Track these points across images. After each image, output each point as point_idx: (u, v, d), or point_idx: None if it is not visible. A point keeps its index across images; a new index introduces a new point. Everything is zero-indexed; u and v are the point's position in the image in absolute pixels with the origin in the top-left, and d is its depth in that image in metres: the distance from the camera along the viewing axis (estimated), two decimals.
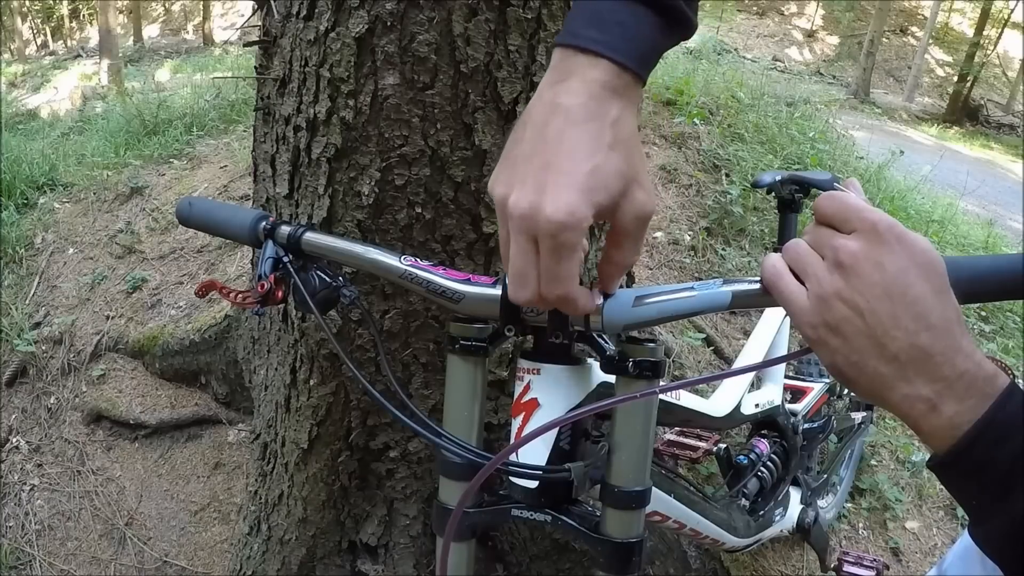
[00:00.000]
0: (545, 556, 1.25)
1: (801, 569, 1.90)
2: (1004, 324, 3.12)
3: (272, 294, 0.74)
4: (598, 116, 0.50)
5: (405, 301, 1.05)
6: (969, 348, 0.46)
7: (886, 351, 0.46)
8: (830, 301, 0.47)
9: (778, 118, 4.30)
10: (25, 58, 16.17)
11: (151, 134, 4.11)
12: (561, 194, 0.48)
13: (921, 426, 0.47)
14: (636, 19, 0.52)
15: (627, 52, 0.51)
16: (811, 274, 0.48)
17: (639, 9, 0.52)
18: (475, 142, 0.94)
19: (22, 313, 2.70)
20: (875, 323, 0.45)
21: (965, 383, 0.45)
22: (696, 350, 2.35)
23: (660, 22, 0.53)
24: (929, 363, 0.45)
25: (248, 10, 1.19)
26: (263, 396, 1.36)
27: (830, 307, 0.47)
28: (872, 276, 0.46)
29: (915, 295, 0.45)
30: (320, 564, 1.27)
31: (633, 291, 0.59)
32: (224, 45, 13.68)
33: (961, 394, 0.45)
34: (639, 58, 0.52)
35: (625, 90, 0.51)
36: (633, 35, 0.52)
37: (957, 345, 0.45)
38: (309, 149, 1.00)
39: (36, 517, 2.12)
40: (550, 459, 0.63)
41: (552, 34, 0.91)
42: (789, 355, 1.55)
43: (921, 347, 0.45)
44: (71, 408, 2.39)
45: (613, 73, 0.51)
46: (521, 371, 0.65)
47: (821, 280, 0.47)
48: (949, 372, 0.45)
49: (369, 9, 0.88)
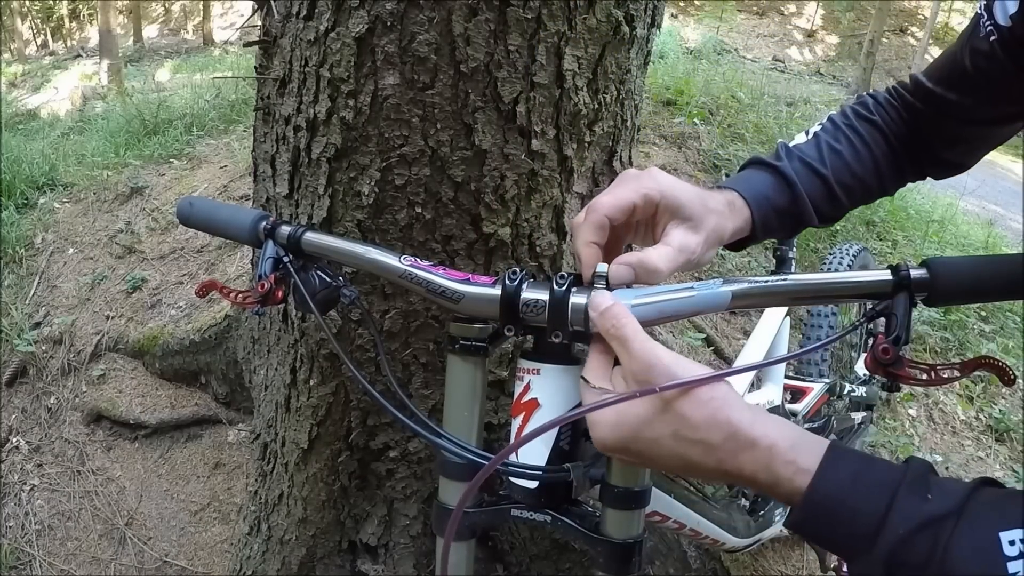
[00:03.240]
0: (545, 556, 1.25)
1: (801, 569, 1.90)
2: (1004, 324, 3.12)
3: (272, 294, 0.74)
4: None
5: (405, 301, 1.05)
6: (758, 458, 0.50)
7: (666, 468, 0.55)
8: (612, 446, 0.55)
9: (778, 118, 4.30)
10: (25, 58, 16.16)
11: (151, 134, 4.11)
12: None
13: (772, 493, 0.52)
14: None
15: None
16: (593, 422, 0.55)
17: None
18: (475, 142, 0.94)
19: (22, 313, 2.70)
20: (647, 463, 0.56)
21: (755, 483, 0.50)
22: (696, 350, 2.35)
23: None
24: (711, 469, 0.52)
25: (248, 10, 1.19)
26: (263, 396, 1.36)
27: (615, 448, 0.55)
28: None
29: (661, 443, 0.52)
30: (320, 564, 1.27)
31: (633, 291, 0.59)
32: (224, 45, 13.68)
33: (760, 488, 0.51)
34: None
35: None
36: None
37: (729, 459, 0.51)
38: (309, 149, 1.00)
39: (36, 517, 2.12)
40: (550, 459, 0.63)
41: (552, 34, 0.91)
42: (789, 355, 1.56)
43: (692, 468, 0.52)
44: (71, 408, 2.39)
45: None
46: (521, 371, 0.65)
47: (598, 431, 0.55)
48: (734, 469, 0.51)
49: (369, 9, 0.88)
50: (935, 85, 0.82)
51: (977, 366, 0.54)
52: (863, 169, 0.82)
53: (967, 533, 0.43)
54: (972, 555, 0.43)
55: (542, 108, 0.95)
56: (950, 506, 0.45)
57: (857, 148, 0.82)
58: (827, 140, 0.82)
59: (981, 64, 0.74)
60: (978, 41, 0.73)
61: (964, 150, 0.84)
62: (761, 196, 0.75)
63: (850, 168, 0.81)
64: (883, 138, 0.84)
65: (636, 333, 0.54)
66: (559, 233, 1.07)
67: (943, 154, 0.85)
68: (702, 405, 0.50)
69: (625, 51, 1.00)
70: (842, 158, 0.81)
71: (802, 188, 0.77)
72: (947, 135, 0.83)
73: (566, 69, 0.93)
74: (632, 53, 1.02)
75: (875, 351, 0.54)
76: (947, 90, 0.80)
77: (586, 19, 0.92)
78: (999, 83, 0.73)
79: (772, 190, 0.76)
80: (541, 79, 0.92)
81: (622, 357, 0.54)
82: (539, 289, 0.61)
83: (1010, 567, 0.41)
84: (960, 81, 0.78)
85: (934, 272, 0.55)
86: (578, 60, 0.94)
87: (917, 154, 0.85)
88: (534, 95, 0.93)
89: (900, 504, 0.45)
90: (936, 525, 0.44)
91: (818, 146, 0.81)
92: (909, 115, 0.85)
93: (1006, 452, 2.60)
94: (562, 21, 0.90)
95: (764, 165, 0.79)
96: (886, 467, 0.49)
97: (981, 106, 0.78)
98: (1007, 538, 0.42)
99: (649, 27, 1.04)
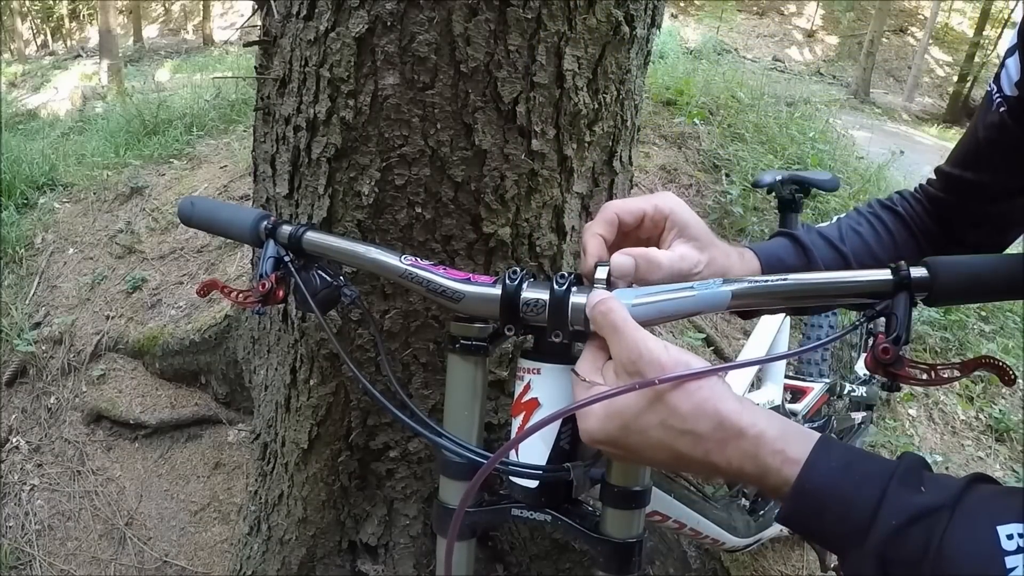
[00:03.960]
0: (545, 556, 1.25)
1: (801, 569, 1.90)
2: (1004, 324, 3.12)
3: (273, 293, 0.74)
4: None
5: (405, 301, 1.05)
6: (746, 448, 0.50)
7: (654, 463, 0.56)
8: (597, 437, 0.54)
9: (778, 118, 4.30)
10: (25, 58, 16.15)
11: (151, 134, 4.11)
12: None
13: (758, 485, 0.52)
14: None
15: None
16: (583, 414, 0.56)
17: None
18: (475, 142, 0.94)
19: (22, 313, 2.70)
20: (634, 456, 0.54)
21: (742, 475, 0.50)
22: (696, 350, 2.35)
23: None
24: (695, 463, 0.52)
25: (248, 10, 1.19)
26: (263, 396, 1.36)
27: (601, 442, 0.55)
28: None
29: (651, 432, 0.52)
30: (320, 564, 1.27)
31: (633, 291, 0.59)
32: (224, 45, 13.68)
33: (749, 481, 0.50)
34: None
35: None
36: None
37: (716, 450, 0.50)
38: (309, 149, 1.00)
39: (36, 517, 2.12)
40: (550, 459, 0.63)
41: (552, 34, 0.91)
42: (788, 353, 1.56)
43: (679, 460, 0.52)
44: (71, 408, 2.39)
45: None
46: (521, 371, 0.65)
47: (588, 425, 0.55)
48: (722, 460, 0.50)
49: (369, 9, 0.88)
50: (953, 167, 0.85)
51: (977, 366, 0.54)
52: (883, 252, 0.84)
53: (962, 526, 0.42)
54: (968, 549, 0.41)
55: (542, 108, 0.95)
56: (944, 499, 0.44)
57: (879, 232, 0.85)
58: (848, 223, 0.86)
59: (994, 136, 0.76)
60: (990, 115, 0.76)
61: (990, 230, 0.86)
62: (773, 256, 0.78)
63: (870, 249, 0.84)
64: (905, 227, 0.87)
65: (626, 322, 0.54)
66: (559, 233, 1.07)
67: (970, 238, 0.86)
68: (690, 395, 0.50)
69: (625, 51, 1.00)
70: (862, 239, 0.84)
71: (818, 257, 0.79)
72: (971, 218, 0.85)
73: (566, 69, 0.93)
74: (632, 53, 1.02)
75: (875, 351, 0.54)
76: (965, 170, 0.83)
77: (586, 19, 0.92)
78: (1014, 153, 0.75)
79: (786, 252, 0.79)
80: (541, 79, 0.92)
81: (613, 348, 0.54)
82: (539, 289, 0.61)
83: (1008, 562, 0.40)
84: (977, 159, 0.81)
85: (934, 272, 0.55)
86: (578, 60, 0.94)
87: (941, 243, 0.87)
88: (534, 95, 0.93)
89: (892, 495, 0.44)
90: (930, 518, 0.43)
91: (839, 227, 0.85)
92: (932, 206, 0.88)
93: (1006, 452, 2.60)
94: (562, 21, 0.90)
95: (783, 235, 0.82)
96: (878, 460, 0.48)
97: (999, 180, 0.80)
98: (1005, 532, 0.41)
99: (649, 27, 1.04)
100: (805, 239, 0.80)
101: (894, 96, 15.71)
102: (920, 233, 0.87)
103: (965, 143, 0.84)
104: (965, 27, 18.70)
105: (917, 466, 0.47)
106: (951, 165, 0.86)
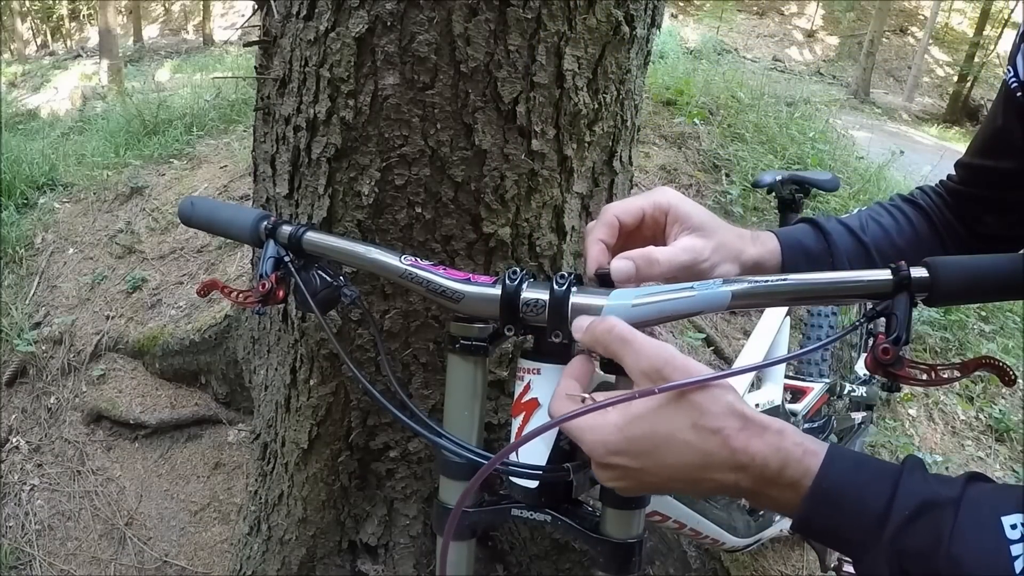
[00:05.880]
0: (545, 556, 1.25)
1: (801, 569, 1.90)
2: (1004, 324, 3.12)
3: (273, 293, 0.74)
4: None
5: (405, 301, 1.05)
6: (770, 440, 0.50)
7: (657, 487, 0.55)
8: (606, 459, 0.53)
9: (778, 118, 4.30)
10: (25, 58, 16.16)
11: (151, 134, 4.11)
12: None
13: (762, 502, 0.52)
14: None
15: None
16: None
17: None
18: (475, 142, 0.94)
19: (22, 313, 2.70)
20: (647, 460, 0.53)
21: (765, 471, 0.50)
22: (696, 350, 2.35)
23: None
24: (698, 482, 0.52)
25: (248, 10, 1.19)
26: (263, 396, 1.36)
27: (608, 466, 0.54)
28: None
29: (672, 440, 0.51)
30: (320, 564, 1.27)
31: (633, 291, 0.59)
32: (224, 45, 13.68)
33: (768, 480, 0.50)
34: None
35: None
36: None
37: (742, 448, 0.50)
38: (309, 149, 1.00)
39: (36, 517, 2.12)
40: (550, 459, 0.63)
41: (552, 34, 0.91)
42: (789, 355, 1.55)
43: (704, 465, 0.51)
44: (71, 408, 2.39)
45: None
46: (521, 371, 0.65)
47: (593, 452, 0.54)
48: (745, 457, 0.50)
49: (369, 9, 0.88)
50: (973, 158, 0.85)
51: (977, 366, 0.54)
52: (904, 242, 0.84)
53: (969, 517, 0.44)
54: (976, 538, 0.43)
55: (542, 108, 0.95)
56: (949, 493, 0.46)
57: (900, 223, 0.86)
58: (869, 214, 0.87)
59: (1012, 120, 0.76)
60: (1008, 99, 0.76)
61: (1014, 220, 0.85)
62: (793, 238, 0.78)
63: (890, 238, 0.84)
64: (926, 220, 0.87)
65: (636, 333, 0.54)
66: (559, 233, 1.07)
67: (992, 229, 0.86)
68: (716, 398, 0.52)
69: (625, 51, 1.00)
70: (883, 228, 0.85)
71: (838, 243, 0.80)
72: (994, 207, 0.85)
73: (566, 69, 0.93)
74: (632, 53, 1.02)
75: (875, 351, 0.54)
76: (986, 159, 0.83)
77: (586, 19, 0.92)
78: None
79: (806, 236, 0.80)
80: (541, 79, 0.92)
81: (628, 359, 0.54)
82: (539, 289, 0.61)
83: (1013, 550, 0.42)
84: (996, 145, 0.81)
85: (934, 272, 0.55)
86: (578, 60, 0.94)
87: (962, 237, 0.87)
88: (534, 95, 0.93)
89: (903, 488, 0.47)
90: (938, 509, 0.45)
91: (860, 217, 0.86)
92: (954, 199, 0.88)
93: (1006, 452, 2.60)
94: (562, 21, 0.90)
95: (806, 220, 0.83)
96: (884, 461, 0.51)
97: (1021, 165, 0.79)
98: (1008, 522, 0.43)
99: (649, 27, 1.04)
100: (826, 226, 0.81)
101: (894, 96, 15.71)
102: (941, 226, 0.87)
103: (984, 132, 0.84)
104: (965, 27, 18.69)
105: (921, 464, 0.49)
106: (971, 156, 0.85)
